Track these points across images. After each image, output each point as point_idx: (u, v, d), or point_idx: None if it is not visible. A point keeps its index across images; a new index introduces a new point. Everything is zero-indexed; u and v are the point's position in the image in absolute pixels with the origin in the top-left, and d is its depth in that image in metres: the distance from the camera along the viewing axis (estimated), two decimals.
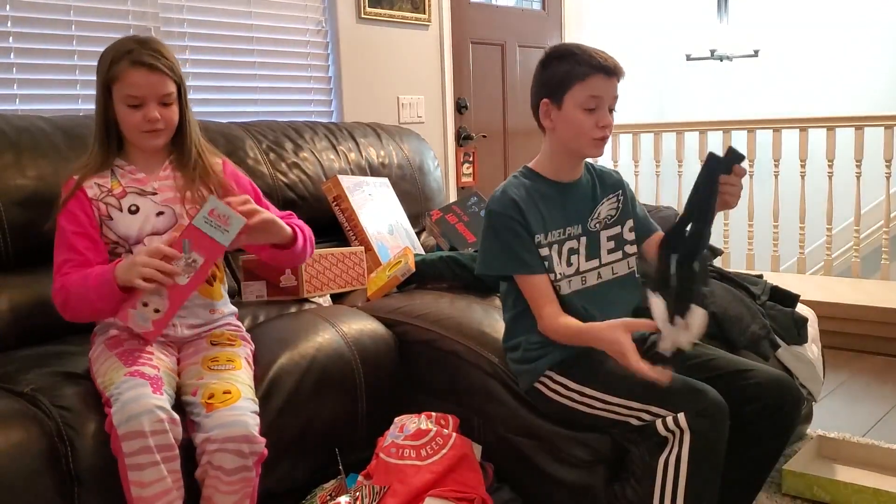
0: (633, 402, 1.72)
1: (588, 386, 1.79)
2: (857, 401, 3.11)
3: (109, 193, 1.86)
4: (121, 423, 1.53)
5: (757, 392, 1.76)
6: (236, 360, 1.82)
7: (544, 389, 1.86)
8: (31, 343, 1.99)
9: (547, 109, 1.83)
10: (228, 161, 2.07)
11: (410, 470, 1.86)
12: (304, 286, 2.36)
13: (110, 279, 1.72)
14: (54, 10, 2.66)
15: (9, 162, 2.07)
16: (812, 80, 5.69)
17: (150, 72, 1.81)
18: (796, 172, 4.52)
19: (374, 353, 2.12)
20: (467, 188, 4.18)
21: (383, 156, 3.12)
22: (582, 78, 1.77)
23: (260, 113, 3.23)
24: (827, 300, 3.77)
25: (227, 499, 1.63)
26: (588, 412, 1.80)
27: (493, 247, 1.85)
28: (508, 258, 1.83)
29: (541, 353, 1.85)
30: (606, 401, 1.76)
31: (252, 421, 1.67)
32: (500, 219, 1.82)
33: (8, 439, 1.53)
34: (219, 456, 1.61)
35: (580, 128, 1.79)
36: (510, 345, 1.95)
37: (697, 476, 1.65)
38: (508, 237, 1.81)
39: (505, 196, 1.84)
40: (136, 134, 1.86)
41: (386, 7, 3.70)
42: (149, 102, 1.82)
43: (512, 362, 1.94)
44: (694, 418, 1.64)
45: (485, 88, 4.37)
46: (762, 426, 1.76)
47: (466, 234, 2.86)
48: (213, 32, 3.10)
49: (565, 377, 1.82)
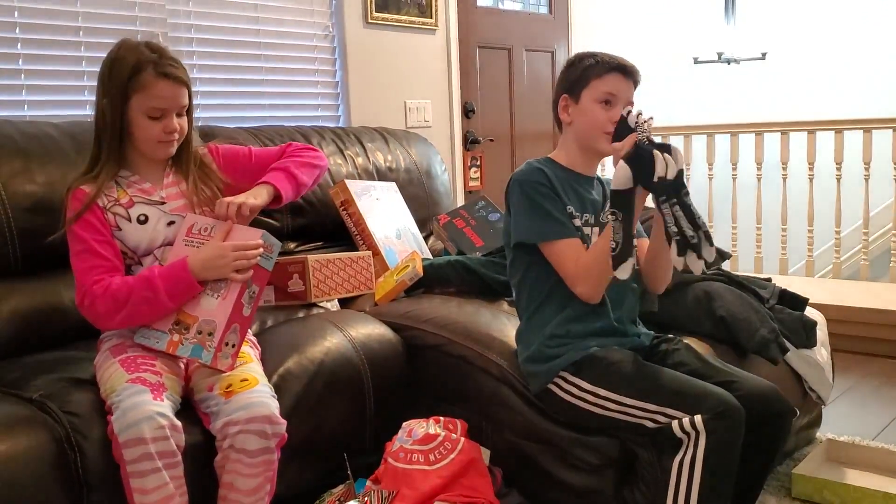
0: (649, 403, 1.72)
1: (602, 387, 1.79)
2: (867, 404, 3.10)
3: (116, 203, 1.85)
4: (121, 430, 1.53)
5: (741, 404, 1.70)
6: (246, 356, 1.84)
7: (557, 390, 1.85)
8: (38, 349, 2.00)
9: (566, 104, 1.92)
10: (212, 145, 2.07)
11: (419, 475, 1.86)
12: (312, 291, 2.36)
13: (187, 277, 1.74)
14: (62, 17, 2.67)
15: (17, 168, 2.08)
16: (820, 83, 5.68)
17: (174, 83, 1.81)
18: (804, 175, 4.51)
19: (382, 357, 2.12)
20: (475, 192, 4.18)
21: (391, 160, 3.12)
22: (600, 75, 1.87)
23: (267, 118, 3.24)
24: (836, 303, 3.75)
25: (249, 482, 1.64)
26: (601, 414, 1.79)
27: (532, 213, 1.86)
28: (546, 223, 1.85)
29: (556, 353, 1.85)
30: (621, 402, 1.76)
31: (273, 403, 1.69)
32: (532, 186, 1.86)
33: (17, 445, 1.53)
34: (241, 438, 1.62)
35: (595, 120, 1.87)
36: (524, 345, 1.95)
37: (712, 478, 1.64)
38: (543, 202, 1.85)
39: (531, 167, 1.90)
40: (153, 144, 1.85)
41: (393, 12, 3.70)
42: (170, 113, 1.83)
43: (526, 363, 1.93)
44: (710, 420, 1.64)
45: (492, 92, 4.37)
46: (747, 440, 1.70)
47: (474, 238, 2.86)
48: (220, 38, 3.11)
49: (579, 378, 1.82)
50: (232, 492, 1.65)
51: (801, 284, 3.82)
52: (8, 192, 2.04)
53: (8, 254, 2.03)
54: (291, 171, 2.03)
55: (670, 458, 1.69)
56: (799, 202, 4.57)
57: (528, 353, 1.92)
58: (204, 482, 1.67)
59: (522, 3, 4.61)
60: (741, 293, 2.37)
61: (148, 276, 1.75)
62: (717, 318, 2.27)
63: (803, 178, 4.52)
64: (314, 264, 2.36)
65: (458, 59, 4.09)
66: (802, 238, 4.62)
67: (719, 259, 2.56)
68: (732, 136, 4.72)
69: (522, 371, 1.95)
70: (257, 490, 1.65)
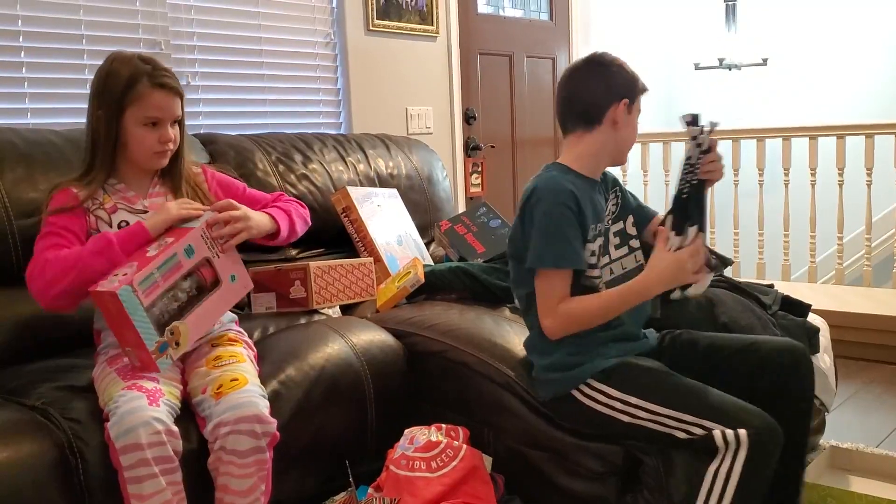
0: (687, 414, 1.70)
1: (634, 395, 1.76)
2: (870, 411, 3.09)
3: (101, 206, 1.87)
4: (118, 436, 1.53)
5: (768, 362, 1.81)
6: (239, 356, 1.84)
7: (580, 396, 1.81)
8: (40, 357, 2.00)
9: (624, 109, 1.85)
10: (207, 167, 2.10)
11: (421, 482, 1.85)
12: (314, 297, 2.36)
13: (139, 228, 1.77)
14: (65, 25, 2.67)
15: (20, 175, 2.09)
16: (821, 88, 5.68)
17: (169, 93, 1.84)
18: (806, 181, 4.51)
19: (384, 364, 2.11)
20: (476, 198, 4.18)
21: (392, 167, 3.13)
22: (642, 91, 1.89)
23: (269, 125, 3.24)
24: (839, 309, 3.74)
25: (242, 483, 1.64)
26: (629, 421, 1.76)
27: (554, 238, 1.77)
28: (566, 250, 1.77)
29: (580, 360, 1.82)
30: (654, 411, 1.73)
31: (262, 402, 1.69)
32: (559, 209, 1.77)
33: (19, 452, 1.53)
34: (232, 438, 1.62)
35: (635, 134, 1.91)
36: (540, 354, 1.89)
37: (746, 490, 1.64)
38: (567, 229, 1.77)
39: (559, 184, 1.80)
40: (148, 155, 1.87)
41: (394, 19, 3.71)
42: (165, 123, 1.85)
43: (544, 371, 1.88)
44: (754, 435, 1.64)
45: (493, 99, 4.38)
46: (782, 402, 1.77)
47: (476, 244, 2.86)
48: (222, 45, 3.12)
49: (607, 384, 1.79)
50: (227, 494, 1.65)
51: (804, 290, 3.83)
52: (11, 199, 2.05)
53: (10, 261, 2.03)
54: (293, 217, 2.08)
55: (704, 465, 1.67)
56: (801, 208, 4.56)
57: (548, 362, 1.87)
58: (205, 488, 1.67)
59: (523, 9, 4.62)
60: (743, 299, 2.36)
61: (102, 234, 1.77)
62: (719, 325, 2.26)
63: (805, 184, 4.51)
64: (316, 271, 2.37)
65: (459, 65, 4.09)
66: (804, 244, 4.61)
67: (721, 265, 2.55)
68: (734, 141, 4.72)
69: (538, 379, 1.91)
70: (252, 490, 1.65)
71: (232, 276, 1.88)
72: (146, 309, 1.68)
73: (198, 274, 1.81)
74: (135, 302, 1.66)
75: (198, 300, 1.80)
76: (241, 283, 1.92)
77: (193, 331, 1.78)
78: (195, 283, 1.80)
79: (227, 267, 1.87)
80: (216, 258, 1.84)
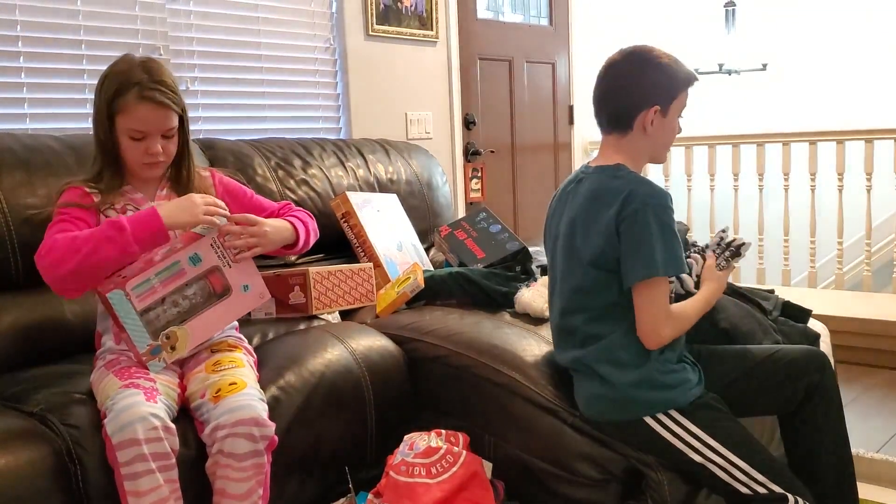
0: (761, 474, 1.70)
1: (716, 439, 1.72)
2: (871, 416, 3.08)
3: (111, 206, 1.86)
4: (115, 431, 1.53)
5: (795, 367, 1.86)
6: (238, 361, 1.84)
7: (652, 423, 1.74)
8: (39, 363, 1.99)
9: (655, 115, 1.78)
10: (215, 171, 2.09)
11: (421, 488, 1.85)
12: (313, 303, 2.36)
13: (156, 221, 1.72)
14: (65, 30, 2.67)
15: (19, 181, 2.08)
16: (821, 94, 5.68)
17: (157, 107, 1.80)
18: (806, 186, 4.51)
19: (384, 369, 2.11)
20: (476, 203, 4.18)
21: (392, 172, 3.13)
22: (684, 87, 1.81)
23: (268, 130, 3.24)
24: (839, 314, 3.74)
25: (240, 486, 1.63)
26: (698, 461, 1.72)
27: (671, 245, 1.70)
28: (680, 256, 1.73)
29: (669, 382, 1.75)
30: (731, 460, 1.71)
31: (260, 406, 1.69)
32: (668, 213, 1.71)
33: (18, 458, 1.53)
34: (230, 442, 1.62)
35: (673, 135, 1.85)
36: (624, 365, 1.76)
37: None
38: (676, 234, 1.73)
39: (661, 189, 1.75)
40: (137, 165, 1.87)
41: (394, 24, 3.71)
42: (152, 136, 1.83)
43: (631, 388, 1.75)
44: None
45: (493, 104, 4.38)
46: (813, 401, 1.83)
47: (475, 249, 2.85)
48: (221, 51, 3.12)
49: (689, 419, 1.73)
50: (225, 498, 1.64)
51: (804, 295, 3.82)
52: (10, 204, 2.04)
53: (9, 267, 2.03)
54: (308, 229, 2.07)
55: None
56: (801, 213, 4.56)
57: (637, 377, 1.74)
58: (203, 495, 1.66)
59: (523, 14, 4.62)
60: (744, 305, 2.36)
61: (115, 219, 1.74)
62: (719, 330, 2.26)
63: (805, 189, 4.51)
64: (315, 276, 2.36)
65: (458, 70, 4.10)
66: (805, 249, 4.61)
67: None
68: (734, 146, 4.72)
69: (622, 396, 1.76)
70: (249, 494, 1.64)
71: (245, 286, 1.88)
72: (139, 313, 1.72)
73: (207, 281, 1.82)
74: (126, 306, 1.71)
75: (203, 307, 1.81)
76: (254, 292, 1.91)
77: (194, 336, 1.80)
78: (202, 289, 1.81)
79: (239, 277, 1.87)
80: (227, 267, 1.85)
